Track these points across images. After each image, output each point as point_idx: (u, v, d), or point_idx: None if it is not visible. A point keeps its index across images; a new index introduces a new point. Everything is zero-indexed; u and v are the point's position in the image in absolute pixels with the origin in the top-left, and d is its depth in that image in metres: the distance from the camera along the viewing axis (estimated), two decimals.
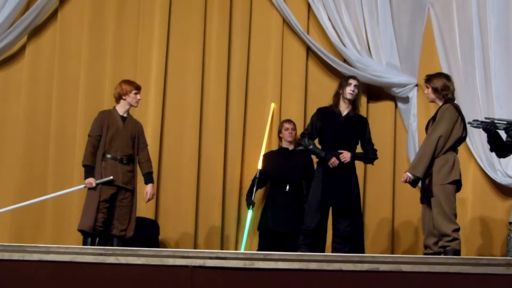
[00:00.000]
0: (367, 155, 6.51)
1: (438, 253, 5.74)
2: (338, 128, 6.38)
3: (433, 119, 5.97)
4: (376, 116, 7.65)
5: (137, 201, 6.42)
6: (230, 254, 4.99)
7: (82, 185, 6.31)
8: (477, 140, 7.36)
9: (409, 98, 7.52)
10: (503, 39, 7.52)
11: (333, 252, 6.22)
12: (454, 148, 5.91)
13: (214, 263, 4.82)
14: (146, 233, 6.79)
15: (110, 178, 6.16)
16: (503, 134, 5.90)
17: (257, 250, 6.87)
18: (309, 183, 6.65)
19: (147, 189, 6.41)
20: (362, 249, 6.34)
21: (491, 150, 6.03)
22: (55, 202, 7.28)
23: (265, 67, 7.71)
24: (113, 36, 7.67)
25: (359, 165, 7.36)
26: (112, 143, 6.29)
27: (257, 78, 7.72)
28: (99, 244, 6.20)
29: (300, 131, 7.12)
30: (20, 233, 7.30)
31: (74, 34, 7.70)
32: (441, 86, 6.00)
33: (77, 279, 4.89)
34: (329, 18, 7.61)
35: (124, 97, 6.38)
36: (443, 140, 5.82)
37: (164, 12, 7.67)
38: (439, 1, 7.69)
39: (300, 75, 7.67)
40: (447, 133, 5.84)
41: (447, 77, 6.11)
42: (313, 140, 6.51)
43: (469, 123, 5.90)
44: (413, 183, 5.94)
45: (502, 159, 6.98)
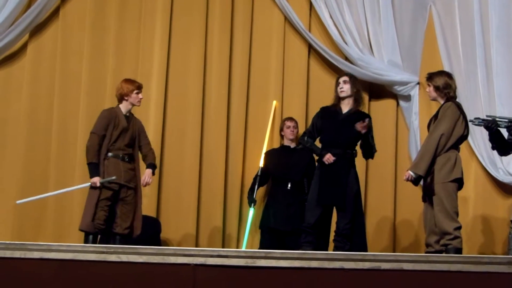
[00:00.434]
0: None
1: (440, 252, 5.73)
2: (336, 126, 6.37)
3: (435, 117, 5.96)
4: (378, 114, 7.64)
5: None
6: (231, 252, 4.99)
7: (88, 184, 6.27)
8: (479, 138, 7.35)
9: (411, 96, 7.52)
10: (505, 37, 7.52)
11: (334, 250, 6.22)
12: (456, 146, 5.90)
13: (215, 261, 4.82)
14: (148, 231, 6.79)
15: (113, 178, 6.15)
16: (504, 132, 5.89)
17: (259, 248, 6.88)
18: (310, 181, 6.63)
19: (146, 172, 6.33)
20: (364, 249, 6.33)
21: (493, 148, 6.01)
22: (56, 201, 7.28)
23: (266, 65, 7.71)
24: (115, 34, 7.67)
25: (360, 163, 7.38)
26: (116, 142, 6.27)
27: (259, 76, 7.72)
28: (101, 242, 6.19)
29: (302, 129, 7.13)
30: (22, 232, 7.30)
31: (76, 32, 7.70)
32: (442, 84, 5.98)
33: (79, 277, 4.89)
34: (331, 16, 7.61)
35: (125, 98, 6.34)
36: (445, 138, 5.81)
37: (166, 10, 7.67)
38: None
39: (301, 73, 7.66)
40: (449, 131, 5.83)
41: (449, 75, 6.09)
42: (314, 139, 6.51)
43: (470, 121, 5.89)
44: (415, 181, 5.93)
45: (503, 157, 6.96)
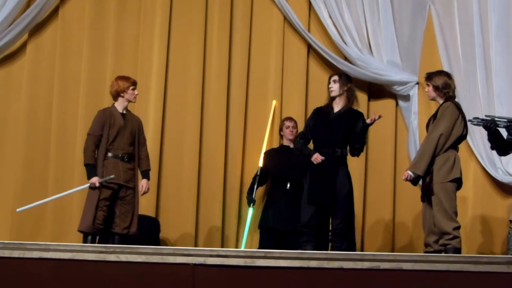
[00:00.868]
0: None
1: (439, 251, 5.73)
2: (327, 125, 6.32)
3: (434, 117, 5.96)
4: None
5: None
6: (230, 252, 4.98)
7: (87, 185, 6.27)
8: (478, 138, 7.35)
9: (410, 96, 7.52)
10: (504, 37, 7.52)
11: (331, 250, 6.22)
12: (455, 146, 5.91)
13: (214, 261, 4.82)
14: (147, 231, 6.79)
15: (112, 176, 6.15)
16: (503, 132, 5.89)
17: (258, 248, 6.88)
18: None
19: (143, 183, 6.41)
20: (353, 248, 6.32)
21: (492, 148, 6.01)
22: (55, 201, 7.25)
23: (266, 65, 7.71)
24: (114, 34, 7.66)
25: (360, 163, 7.39)
26: (113, 142, 6.27)
27: (258, 76, 7.71)
28: (100, 242, 6.19)
29: (301, 129, 7.11)
30: (21, 231, 7.29)
31: (75, 32, 7.69)
32: (442, 84, 5.98)
33: (78, 277, 4.88)
34: (330, 16, 7.61)
35: (122, 94, 6.35)
36: (444, 138, 5.81)
37: (165, 9, 7.66)
38: None
39: (301, 73, 7.66)
40: (448, 131, 5.83)
41: (448, 75, 6.10)
42: (307, 140, 6.47)
43: (469, 121, 5.89)
44: (413, 181, 5.93)
45: (503, 157, 6.96)
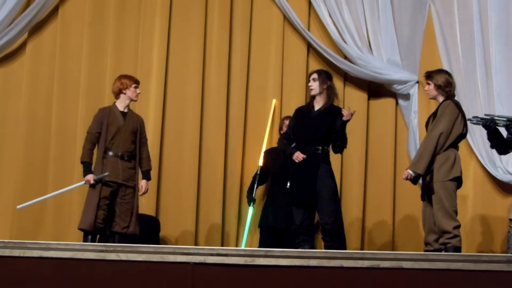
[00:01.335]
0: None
1: (439, 250, 5.73)
2: (307, 124, 6.26)
3: (434, 115, 5.96)
4: (377, 113, 7.66)
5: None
6: (231, 250, 4.99)
7: (82, 182, 6.30)
8: (478, 137, 7.35)
9: (410, 95, 7.52)
10: (504, 36, 7.52)
11: (324, 248, 6.21)
12: (455, 145, 5.90)
13: (215, 260, 4.82)
14: (147, 230, 6.79)
15: (106, 174, 6.16)
16: (503, 131, 5.89)
17: (258, 247, 6.88)
18: None
19: (142, 184, 6.41)
20: (343, 242, 6.38)
21: (492, 147, 6.01)
22: (55, 200, 7.27)
23: (266, 64, 7.71)
24: (114, 33, 7.66)
25: (360, 163, 7.40)
26: (113, 140, 6.28)
27: (258, 75, 7.71)
28: (100, 241, 6.19)
29: None
30: (21, 230, 7.29)
31: (74, 31, 7.69)
32: (444, 82, 5.98)
33: (78, 275, 4.89)
34: (330, 15, 7.61)
35: (124, 91, 6.36)
36: (444, 137, 5.81)
37: (165, 9, 7.66)
38: None
39: (301, 72, 7.65)
40: (448, 130, 5.83)
41: (448, 73, 6.11)
42: (291, 140, 6.37)
43: (468, 120, 5.88)
44: (414, 180, 5.93)
45: (503, 156, 6.97)
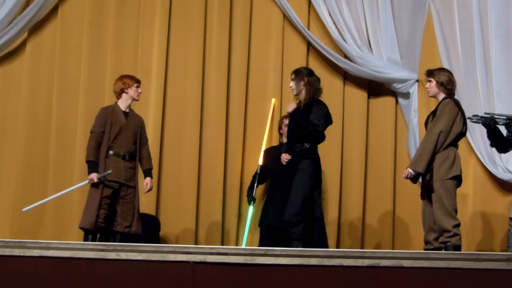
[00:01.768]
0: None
1: (439, 249, 5.74)
2: (289, 124, 6.38)
3: (433, 114, 5.96)
4: (377, 112, 7.67)
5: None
6: (231, 249, 4.98)
7: (86, 181, 6.31)
8: (477, 136, 7.35)
9: (410, 94, 7.52)
10: (504, 35, 7.52)
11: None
12: (455, 143, 5.91)
13: (215, 259, 4.82)
14: (147, 229, 6.79)
15: (110, 172, 6.17)
16: (503, 129, 5.89)
17: (258, 246, 6.88)
18: None
19: (147, 181, 6.43)
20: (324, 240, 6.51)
21: (491, 145, 6.02)
22: (56, 199, 7.26)
23: (265, 63, 7.71)
24: (114, 33, 7.66)
25: (360, 162, 7.41)
26: (115, 140, 6.29)
27: (258, 74, 7.71)
28: (101, 241, 6.19)
29: None
30: (21, 230, 7.29)
31: (74, 31, 7.69)
32: (446, 80, 5.99)
33: (78, 275, 4.88)
34: (330, 14, 7.60)
35: (126, 91, 6.38)
36: (443, 135, 5.81)
37: (165, 8, 7.66)
38: None
39: None
40: (448, 128, 5.83)
41: (450, 72, 6.13)
42: None
43: (468, 118, 5.89)
44: (414, 178, 5.93)
45: (502, 154, 6.98)
